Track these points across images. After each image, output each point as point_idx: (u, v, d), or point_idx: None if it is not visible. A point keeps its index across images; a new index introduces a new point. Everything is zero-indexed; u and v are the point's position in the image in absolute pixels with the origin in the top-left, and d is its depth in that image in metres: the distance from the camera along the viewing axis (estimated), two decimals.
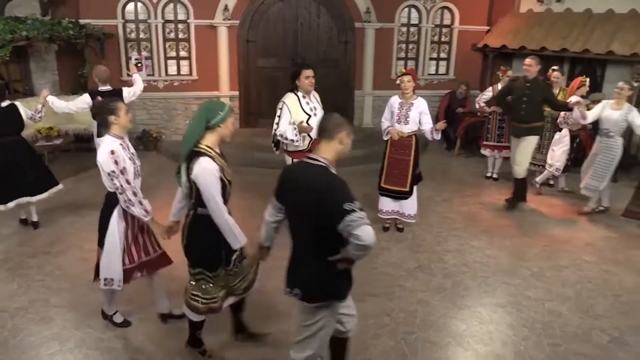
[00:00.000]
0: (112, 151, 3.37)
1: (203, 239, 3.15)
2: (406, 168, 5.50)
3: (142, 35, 8.65)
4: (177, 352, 3.60)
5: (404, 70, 5.52)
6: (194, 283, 3.28)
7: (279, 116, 5.07)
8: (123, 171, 3.42)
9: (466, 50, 9.98)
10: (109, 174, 3.41)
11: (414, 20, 9.73)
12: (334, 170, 2.69)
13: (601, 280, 4.76)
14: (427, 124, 5.42)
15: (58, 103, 5.74)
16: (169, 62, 8.87)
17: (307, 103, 5.10)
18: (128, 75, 8.47)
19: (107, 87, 5.99)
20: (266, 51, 9.13)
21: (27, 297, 4.28)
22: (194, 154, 2.99)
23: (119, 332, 3.81)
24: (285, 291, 2.82)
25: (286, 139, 5.04)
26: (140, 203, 3.54)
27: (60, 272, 4.71)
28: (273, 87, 9.30)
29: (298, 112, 5.00)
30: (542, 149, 7.14)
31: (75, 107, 5.79)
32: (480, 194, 7.13)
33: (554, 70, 7.09)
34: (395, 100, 5.52)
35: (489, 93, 7.49)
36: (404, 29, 9.73)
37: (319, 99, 5.27)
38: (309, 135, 5.02)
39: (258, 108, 9.36)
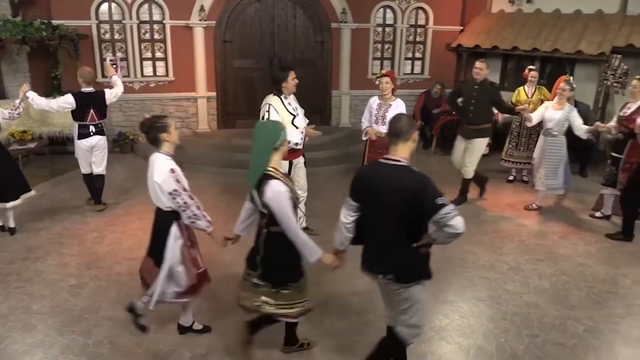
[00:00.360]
0: (172, 170, 3.30)
1: (281, 255, 3.19)
2: None
3: (116, 36, 8.54)
4: (165, 356, 3.61)
5: (383, 72, 5.62)
6: (282, 293, 3.24)
7: (266, 118, 5.10)
8: (185, 188, 3.36)
9: (440, 50, 10.16)
10: (170, 193, 3.31)
11: (389, 21, 9.86)
12: (415, 168, 2.90)
13: (575, 272, 4.94)
14: None
15: (38, 100, 5.67)
16: (145, 63, 8.78)
17: (289, 104, 5.15)
18: (104, 77, 8.37)
19: (90, 89, 5.92)
20: (243, 52, 9.12)
21: (7, 304, 4.20)
22: (264, 178, 3.06)
23: (105, 338, 3.78)
24: (376, 278, 3.06)
25: (289, 142, 5.05)
26: (204, 215, 3.49)
27: (40, 278, 4.65)
28: (250, 88, 9.33)
29: (284, 114, 5.05)
30: (519, 146, 7.33)
31: (56, 105, 5.76)
32: (457, 191, 7.26)
33: (530, 69, 7.25)
34: (374, 101, 5.62)
35: None
36: (380, 29, 9.86)
37: (296, 99, 5.31)
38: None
39: (235, 109, 9.35)
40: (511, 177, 7.74)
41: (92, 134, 5.96)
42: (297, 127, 5.01)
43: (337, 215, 3.23)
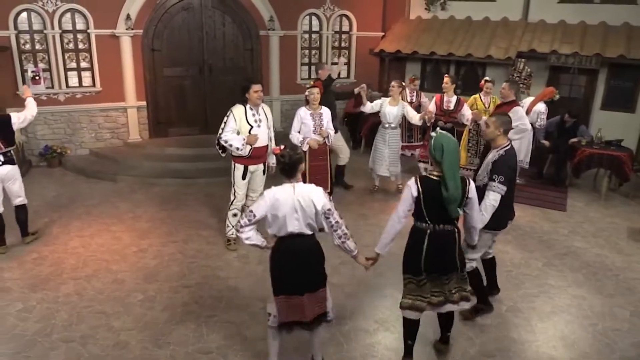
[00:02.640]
0: (323, 189, 3.37)
1: (462, 248, 3.69)
2: (325, 172, 5.98)
3: (38, 47, 8.21)
4: None
5: (312, 83, 5.95)
6: (466, 279, 3.77)
7: (225, 123, 5.35)
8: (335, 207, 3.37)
9: (364, 54, 10.69)
10: (324, 214, 3.27)
11: (315, 28, 10.24)
12: None
13: (496, 259, 5.53)
14: (331, 130, 6.02)
15: None
16: (70, 73, 8.52)
17: (253, 115, 5.37)
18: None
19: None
20: (172, 60, 9.10)
21: None
22: (462, 181, 3.37)
23: None
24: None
25: (231, 145, 5.32)
26: (351, 235, 3.47)
27: None
28: (181, 96, 9.34)
29: (242, 122, 5.31)
30: (479, 153, 7.68)
31: None
32: (388, 188, 7.77)
33: (487, 80, 7.57)
34: (305, 113, 5.93)
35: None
36: (307, 36, 10.20)
37: (268, 112, 5.53)
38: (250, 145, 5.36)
39: (167, 117, 9.31)
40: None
41: (1, 163, 5.35)
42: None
43: None
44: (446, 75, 7.42)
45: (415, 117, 7.02)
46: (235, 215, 5.73)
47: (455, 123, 7.17)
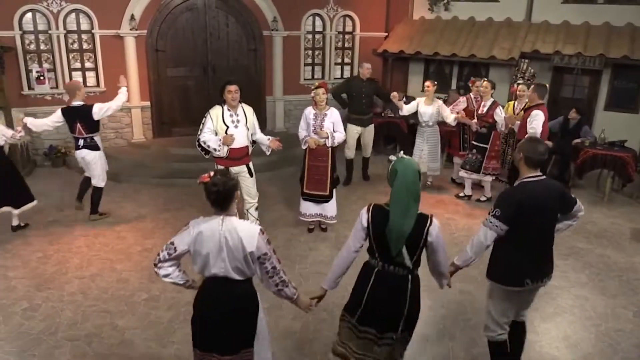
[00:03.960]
0: (261, 230, 2.78)
1: (419, 297, 3.05)
2: (325, 173, 5.96)
3: (42, 47, 8.26)
4: None
5: (317, 84, 5.95)
6: (403, 345, 3.13)
7: (203, 124, 5.45)
8: (274, 250, 2.85)
9: (367, 55, 10.65)
10: (259, 258, 2.75)
11: (319, 28, 10.24)
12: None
13: None
14: (339, 133, 5.95)
15: (37, 122, 5.97)
16: (74, 73, 8.55)
17: (231, 115, 5.42)
18: (30, 89, 8.09)
19: (78, 103, 5.97)
20: (176, 60, 9.13)
21: None
22: (421, 219, 2.85)
23: (68, 358, 3.83)
24: (543, 283, 3.34)
25: (209, 147, 5.42)
26: (289, 281, 2.97)
27: None
28: (185, 96, 9.37)
29: (219, 123, 5.39)
30: (506, 163, 7.70)
31: (51, 122, 6.01)
32: (385, 180, 7.77)
33: (519, 84, 7.57)
34: (310, 112, 5.93)
35: (463, 104, 7.56)
36: (310, 36, 10.22)
37: (248, 112, 5.57)
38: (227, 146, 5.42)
39: (171, 118, 9.34)
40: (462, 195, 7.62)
41: (80, 147, 6.07)
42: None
43: (282, 220, 3.50)
44: (485, 79, 7.28)
45: (449, 117, 7.14)
46: None
47: (492, 126, 7.04)
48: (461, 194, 7.49)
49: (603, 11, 9.01)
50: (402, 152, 3.06)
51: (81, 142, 6.06)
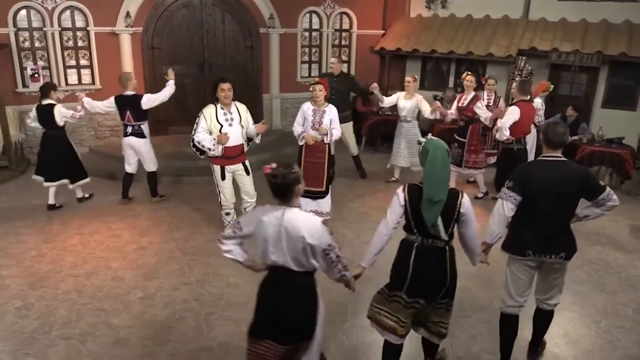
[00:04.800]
0: (323, 222, 2.80)
1: (455, 269, 3.21)
2: (321, 170, 5.91)
3: (37, 44, 8.18)
4: None
5: (316, 80, 5.91)
6: (449, 311, 3.31)
7: (197, 123, 5.42)
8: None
9: (365, 52, 10.65)
10: (324, 250, 2.76)
11: (315, 25, 10.20)
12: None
13: (499, 257, 5.50)
14: (336, 130, 5.90)
15: (93, 103, 6.53)
16: (69, 71, 8.48)
17: (225, 114, 5.39)
18: (25, 86, 8.02)
19: (129, 92, 6.43)
20: (172, 58, 9.05)
21: None
22: (452, 193, 3.04)
23: (62, 358, 3.77)
24: (546, 258, 3.43)
25: (203, 146, 5.37)
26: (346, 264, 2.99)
27: None
28: (181, 94, 9.22)
29: (212, 122, 5.36)
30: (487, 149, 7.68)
31: (104, 107, 6.57)
32: (389, 188, 7.74)
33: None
34: (308, 107, 5.88)
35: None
36: (307, 34, 10.17)
37: (242, 110, 5.53)
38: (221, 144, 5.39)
39: (167, 116, 9.26)
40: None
41: (128, 134, 6.53)
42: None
43: None
44: (468, 73, 7.21)
45: (427, 111, 7.14)
46: (228, 214, 5.75)
47: (470, 120, 7.06)
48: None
49: (600, 8, 8.99)
50: (430, 134, 3.32)
51: (129, 129, 6.51)
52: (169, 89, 6.59)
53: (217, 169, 5.52)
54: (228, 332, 4.09)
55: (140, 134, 6.59)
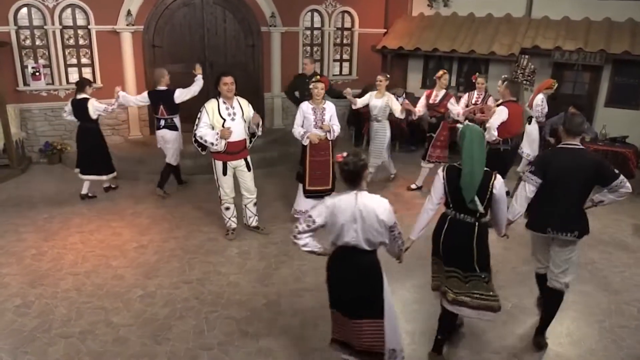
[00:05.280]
0: (389, 202, 3.09)
1: (487, 243, 3.55)
2: (327, 167, 5.89)
3: (38, 42, 8.15)
4: None
5: (317, 78, 5.86)
6: (488, 284, 3.56)
7: (199, 118, 5.36)
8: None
9: (366, 51, 10.62)
10: (390, 227, 3.06)
11: (317, 24, 10.17)
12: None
13: (501, 257, 5.47)
14: (336, 125, 5.87)
15: (127, 97, 6.93)
16: (70, 69, 8.45)
17: (227, 108, 5.35)
18: (25, 85, 8.00)
19: (162, 87, 6.78)
20: (173, 56, 9.02)
21: None
22: (487, 175, 3.38)
23: (62, 356, 3.74)
24: (561, 235, 3.75)
25: (206, 141, 5.31)
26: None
27: None
28: None
29: (215, 116, 5.30)
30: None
31: (137, 101, 6.98)
32: (390, 184, 7.72)
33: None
34: (307, 107, 5.83)
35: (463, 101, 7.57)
36: (308, 32, 10.14)
37: (244, 105, 5.49)
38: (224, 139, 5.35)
39: None
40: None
41: (161, 127, 6.85)
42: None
43: (281, 216, 3.43)
44: (444, 70, 7.31)
45: (398, 110, 7.03)
46: (227, 208, 5.69)
47: (442, 117, 7.15)
48: (413, 186, 7.52)
49: (604, 7, 8.94)
50: (467, 120, 3.85)
51: (162, 122, 6.83)
52: (199, 83, 6.83)
53: (219, 164, 5.48)
54: (228, 330, 4.06)
55: (173, 127, 6.84)
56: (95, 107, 6.55)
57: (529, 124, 7.56)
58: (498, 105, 6.39)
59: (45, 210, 6.46)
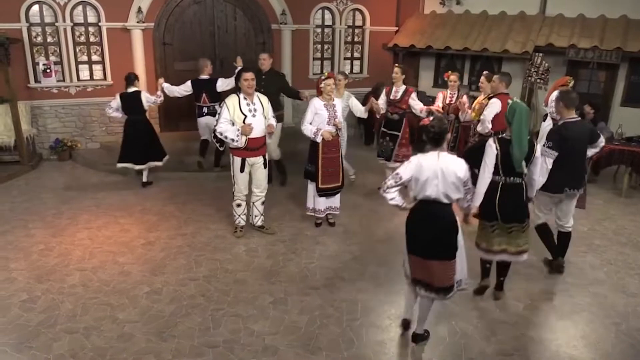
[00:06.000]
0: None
1: (528, 197, 4.32)
2: (338, 165, 5.82)
3: (49, 40, 8.18)
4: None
5: (327, 74, 5.78)
6: (526, 231, 4.28)
7: (219, 114, 5.32)
8: None
9: (378, 49, 10.52)
10: (465, 182, 3.59)
11: (328, 22, 10.10)
12: None
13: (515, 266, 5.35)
14: (343, 122, 5.86)
15: (171, 88, 7.29)
16: (81, 66, 8.47)
17: (248, 104, 5.32)
18: (37, 82, 8.03)
19: (205, 77, 7.24)
20: (184, 54, 9.01)
21: None
22: (530, 142, 4.03)
23: (66, 351, 3.70)
24: (578, 191, 4.74)
25: (226, 137, 5.27)
26: None
27: None
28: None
29: (236, 112, 5.25)
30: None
31: (182, 90, 7.33)
32: (359, 188, 7.57)
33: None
34: (319, 104, 5.73)
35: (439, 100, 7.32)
36: (319, 30, 10.07)
37: (264, 101, 5.44)
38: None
39: (178, 112, 9.20)
40: None
41: (204, 114, 7.37)
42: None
43: (289, 214, 3.36)
44: (396, 65, 7.10)
45: (360, 110, 6.57)
46: (239, 205, 5.63)
47: (404, 113, 6.87)
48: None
49: (620, 4, 8.74)
50: (515, 97, 4.55)
51: (205, 109, 7.36)
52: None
53: (237, 160, 5.42)
54: (234, 328, 4.00)
55: (214, 114, 6.95)
56: (146, 98, 6.94)
57: (544, 120, 7.42)
58: (490, 98, 6.30)
59: (54, 206, 6.46)
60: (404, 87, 6.82)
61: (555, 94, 7.21)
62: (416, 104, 6.77)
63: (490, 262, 4.46)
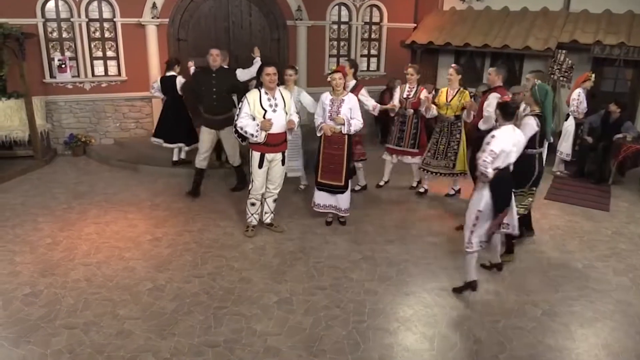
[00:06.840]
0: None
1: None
2: (340, 162, 5.62)
3: (65, 35, 8.19)
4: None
5: (334, 68, 5.66)
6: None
7: (240, 109, 5.22)
8: None
9: (395, 46, 10.31)
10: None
11: (344, 18, 9.93)
12: None
13: (532, 259, 5.12)
14: (356, 120, 5.55)
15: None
16: (96, 62, 8.48)
17: (269, 99, 5.21)
18: (52, 77, 8.04)
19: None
20: (198, 50, 8.90)
21: None
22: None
23: (64, 347, 3.61)
24: None
25: (246, 132, 5.16)
26: None
27: None
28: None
29: (256, 107, 5.15)
30: (436, 154, 6.65)
31: None
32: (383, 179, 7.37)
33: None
34: (326, 97, 5.62)
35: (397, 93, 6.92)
36: (335, 27, 9.92)
37: (286, 97, 5.32)
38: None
39: (191, 108, 9.14)
40: (422, 189, 7.00)
41: None
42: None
43: (299, 212, 3.20)
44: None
45: (310, 105, 6.42)
46: (253, 204, 5.51)
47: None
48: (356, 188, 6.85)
49: None
50: (539, 81, 5.06)
51: None
52: (257, 64, 6.90)
53: (256, 156, 5.31)
54: (236, 327, 3.87)
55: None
56: (180, 83, 7.22)
57: (566, 120, 7.16)
58: (484, 93, 6.08)
59: (65, 201, 6.44)
60: (353, 81, 6.41)
61: (577, 91, 6.97)
62: (367, 100, 6.46)
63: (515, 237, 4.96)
